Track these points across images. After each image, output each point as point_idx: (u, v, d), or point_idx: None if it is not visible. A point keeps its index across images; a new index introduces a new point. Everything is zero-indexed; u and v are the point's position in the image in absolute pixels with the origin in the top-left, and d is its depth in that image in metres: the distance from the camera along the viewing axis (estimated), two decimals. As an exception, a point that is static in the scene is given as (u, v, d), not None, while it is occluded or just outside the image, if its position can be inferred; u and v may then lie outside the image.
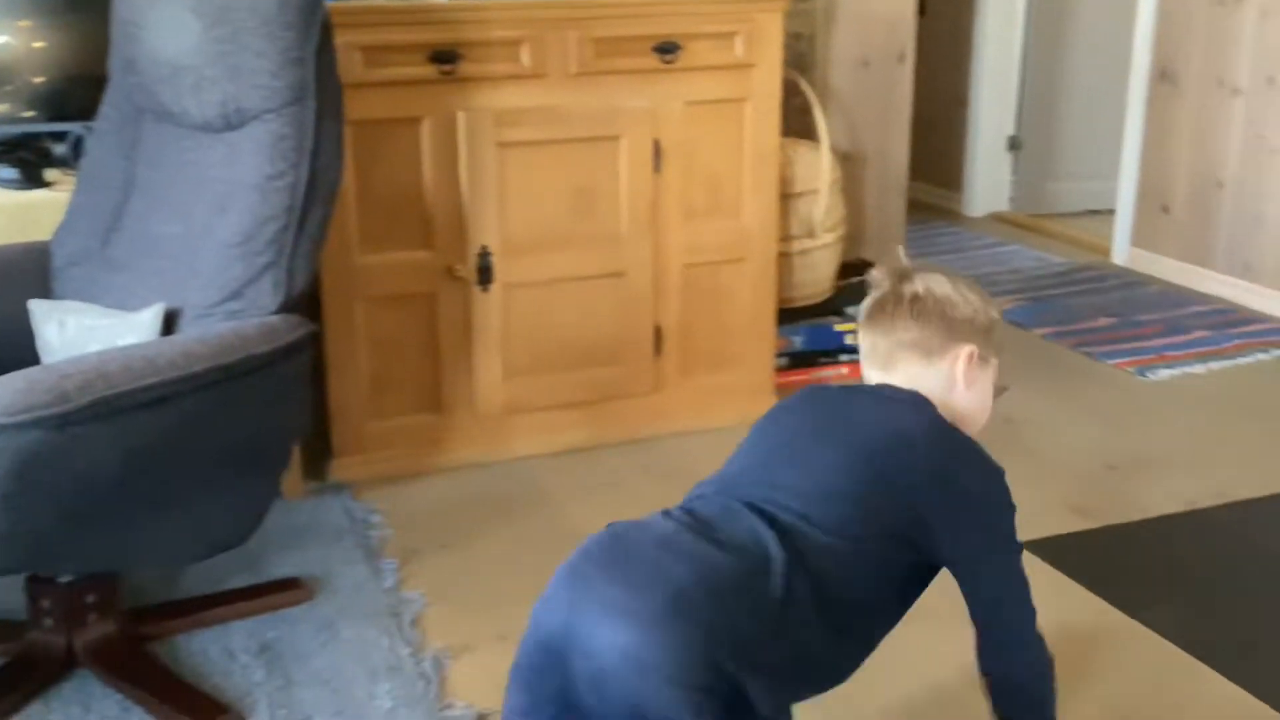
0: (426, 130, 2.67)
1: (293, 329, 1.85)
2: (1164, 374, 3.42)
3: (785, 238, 3.21)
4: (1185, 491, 2.70)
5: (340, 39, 2.43)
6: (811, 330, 3.41)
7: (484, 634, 2.17)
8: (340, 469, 2.78)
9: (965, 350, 1.55)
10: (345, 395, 2.75)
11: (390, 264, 2.72)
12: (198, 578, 2.31)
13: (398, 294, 2.74)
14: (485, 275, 2.77)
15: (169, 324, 1.92)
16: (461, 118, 2.67)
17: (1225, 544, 2.47)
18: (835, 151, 3.38)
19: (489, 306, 2.80)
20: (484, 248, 2.75)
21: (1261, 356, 3.54)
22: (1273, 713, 1.92)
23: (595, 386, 2.95)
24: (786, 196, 3.17)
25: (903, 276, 1.59)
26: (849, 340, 3.44)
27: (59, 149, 2.54)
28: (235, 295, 1.88)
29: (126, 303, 1.98)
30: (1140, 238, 4.48)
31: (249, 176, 1.89)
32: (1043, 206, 5.32)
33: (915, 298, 1.56)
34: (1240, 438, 3.00)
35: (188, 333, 1.85)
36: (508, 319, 2.83)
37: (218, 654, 2.09)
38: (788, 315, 3.30)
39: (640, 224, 2.88)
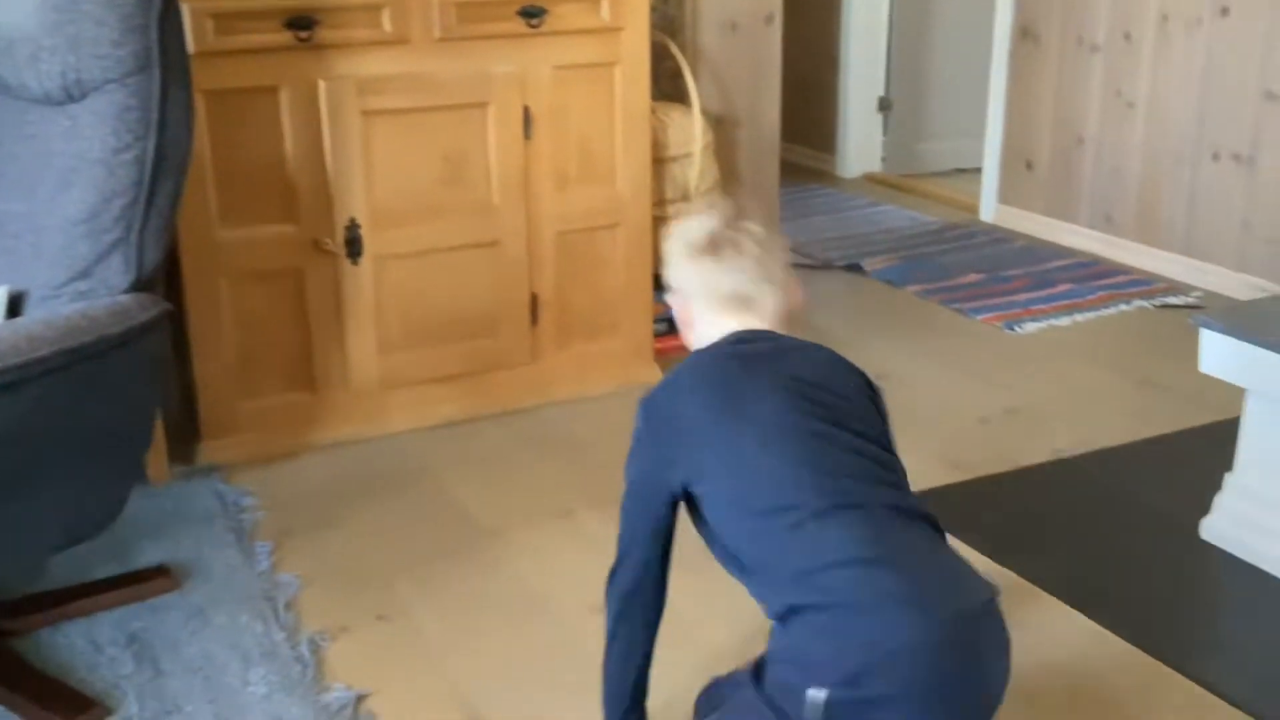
0: (286, 100, 2.58)
1: (145, 308, 1.78)
2: (1031, 327, 3.50)
3: (660, 202, 3.20)
4: (1053, 441, 2.78)
5: (188, 5, 2.34)
6: (689, 295, 3.41)
7: (363, 614, 2.13)
8: (209, 451, 2.69)
9: (794, 277, 1.61)
10: (212, 375, 2.67)
11: (254, 238, 2.63)
12: (62, 569, 2.22)
13: (263, 269, 2.66)
14: (354, 248, 2.70)
15: (14, 306, 1.83)
16: (323, 86, 2.60)
17: (1091, 491, 2.54)
18: (707, 115, 3.37)
19: (360, 280, 2.73)
20: (352, 220, 2.69)
21: (1124, 307, 3.66)
22: (1132, 648, 1.98)
23: (472, 358, 2.91)
24: (660, 161, 3.16)
25: (739, 214, 1.60)
26: (726, 303, 3.46)
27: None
28: (83, 275, 1.80)
29: (-33, 286, 1.88)
30: (1006, 194, 4.59)
31: (93, 150, 1.80)
32: (913, 166, 5.41)
33: (755, 232, 1.58)
34: (1104, 387, 3.09)
35: (33, 315, 1.77)
36: (380, 292, 2.77)
37: (83, 647, 2.02)
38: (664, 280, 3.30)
39: (512, 192, 2.84)
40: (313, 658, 1.99)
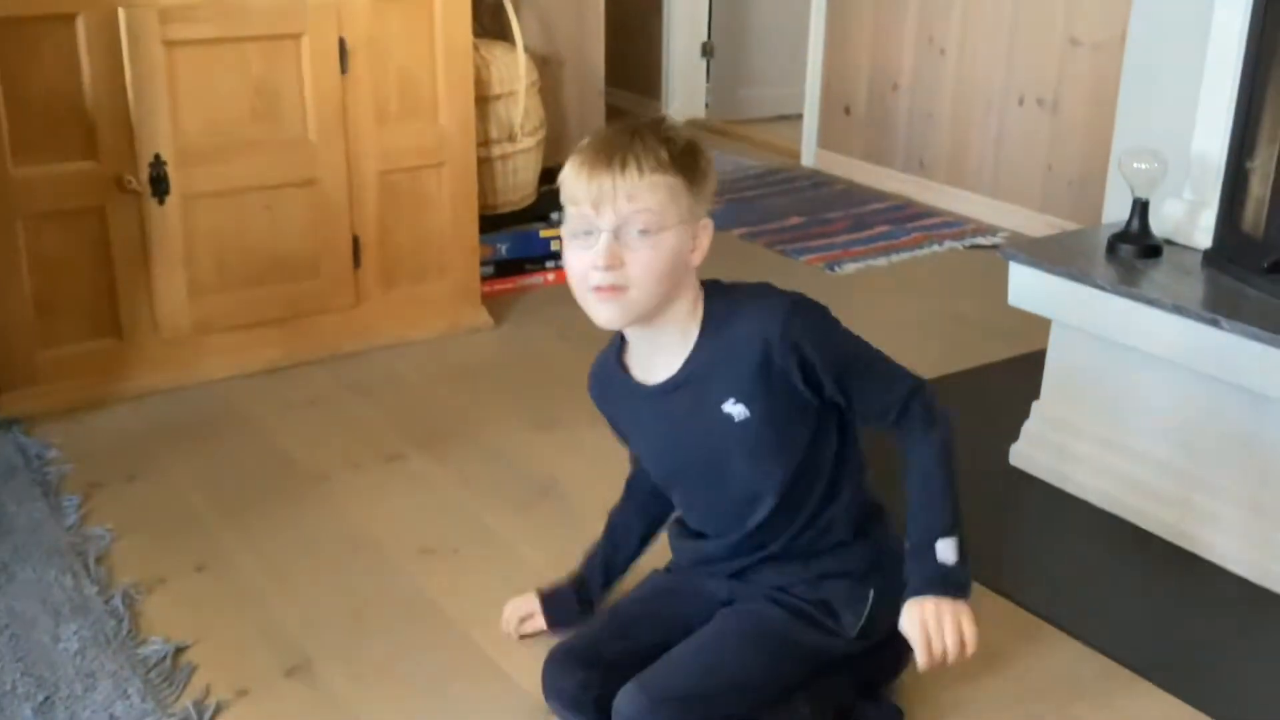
0: (82, 29, 2.43)
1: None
2: (850, 268, 3.59)
3: (485, 142, 3.14)
4: (872, 375, 2.85)
5: (-31, -80, 2.17)
6: (516, 237, 3.38)
7: (180, 565, 2.05)
8: (9, 403, 2.54)
9: None
10: (8, 323, 2.52)
11: (51, 176, 2.48)
12: None
13: (61, 209, 2.51)
14: (160, 186, 2.57)
15: None
16: (122, 14, 2.45)
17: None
18: (532, 54, 3.33)
19: (167, 220, 2.61)
20: (157, 156, 2.56)
21: (936, 248, 3.78)
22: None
23: (292, 302, 2.82)
24: (484, 99, 3.10)
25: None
26: (554, 247, 3.44)
27: None
28: None
29: None
30: (826, 139, 4.68)
31: None
32: (737, 112, 5.46)
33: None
34: (919, 323, 3.20)
35: None
36: (190, 233, 2.65)
37: None
38: (491, 223, 3.25)
39: (330, 128, 2.75)
40: (127, 611, 1.91)
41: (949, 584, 1.50)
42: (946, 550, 1.51)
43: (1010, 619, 1.94)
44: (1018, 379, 2.65)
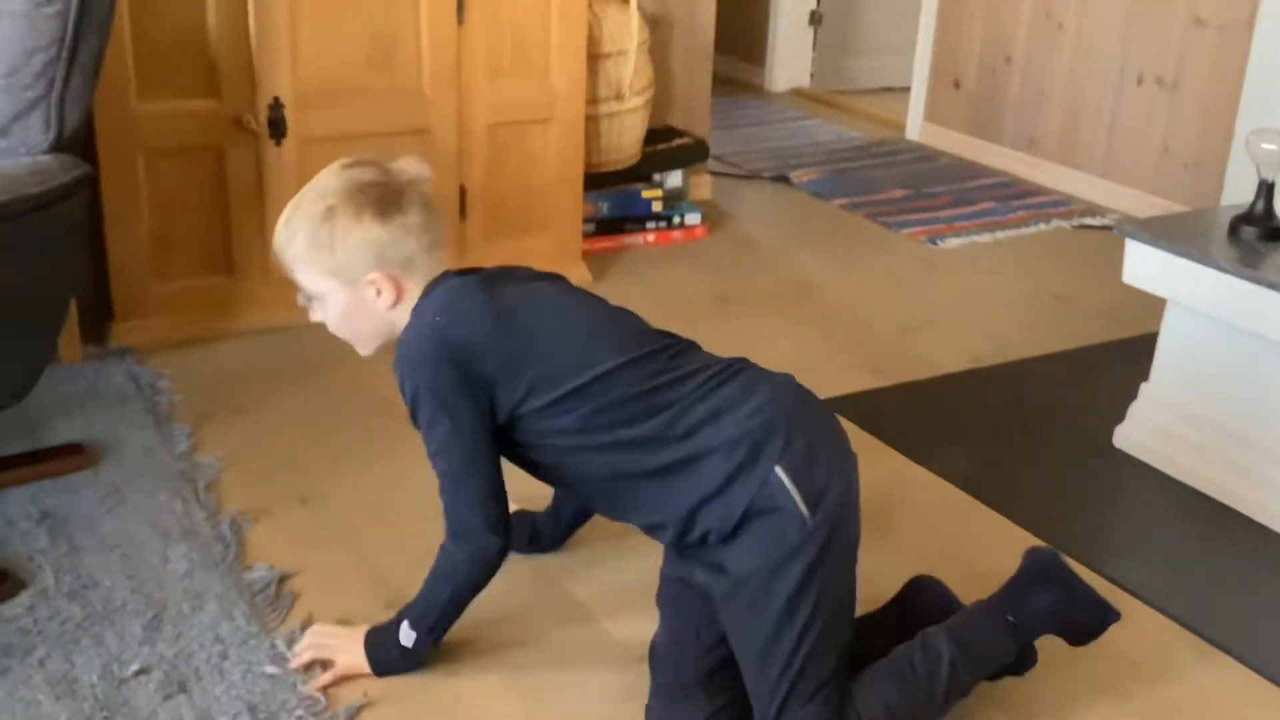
0: (210, -31, 2.48)
1: (67, 170, 1.71)
2: (953, 242, 3.54)
3: (592, 100, 3.15)
4: (971, 350, 2.83)
5: None
6: (618, 196, 3.39)
7: (283, 498, 2.10)
8: (122, 333, 2.62)
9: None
10: (126, 255, 2.59)
11: (173, 112, 2.54)
12: (-34, 445, 2.16)
13: (182, 146, 2.57)
14: (278, 128, 2.62)
15: (-77, 163, 1.75)
16: (249, -44, 2.50)
17: (1005, 398, 2.60)
18: (643, 13, 3.32)
19: (282, 161, 2.65)
20: (276, 99, 2.60)
21: (1042, 226, 3.71)
22: (1037, 540, 2.03)
23: (397, 248, 2.86)
24: (595, 57, 3.10)
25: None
26: (656, 208, 3.44)
27: None
28: (1, 133, 1.71)
29: (-128, 140, 1.78)
30: (933, 113, 4.61)
31: (14, 4, 1.71)
32: (841, 83, 5.40)
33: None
34: (1022, 302, 3.15)
35: (-54, 170, 1.68)
36: (303, 176, 2.62)
37: (-7, 522, 1.96)
38: (595, 181, 3.26)
39: (443, 79, 2.77)
40: (234, 537, 1.96)
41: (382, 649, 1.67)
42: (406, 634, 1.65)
43: (1106, 595, 1.91)
44: (1123, 361, 2.60)
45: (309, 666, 1.66)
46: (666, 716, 1.56)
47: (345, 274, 1.58)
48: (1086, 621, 1.65)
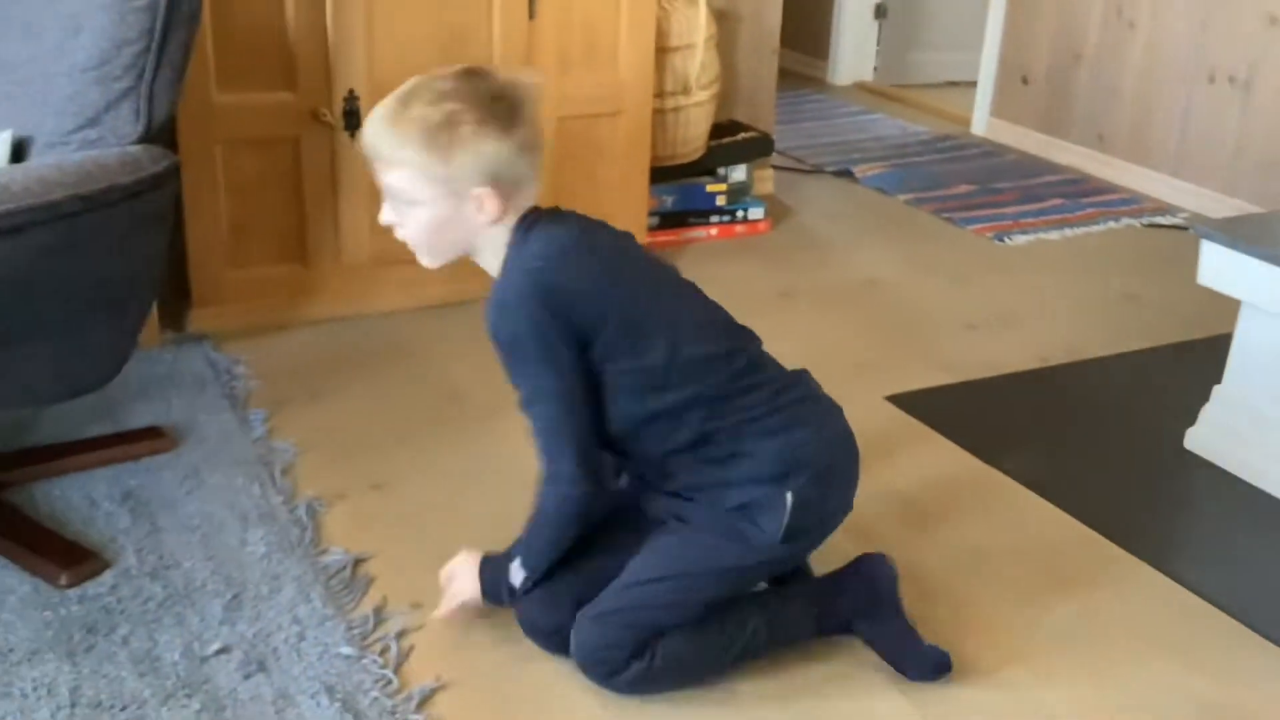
0: (289, -37, 2.53)
1: (156, 161, 1.75)
2: (1020, 239, 3.52)
3: (659, 93, 3.16)
4: (1039, 349, 2.81)
5: None
6: (683, 190, 3.40)
7: (357, 483, 2.14)
8: (200, 319, 2.67)
9: None
10: (204, 243, 2.64)
11: (251, 105, 2.59)
12: (54, 427, 2.22)
13: (259, 137, 2.62)
14: (352, 120, 2.66)
15: (18, 153, 1.80)
16: (327, -49, 2.54)
17: (1074, 398, 2.58)
18: (711, 8, 3.32)
19: (356, 153, 2.68)
20: (351, 91, 2.64)
21: (1112, 224, 3.68)
22: (1106, 541, 2.05)
23: (466, 240, 2.89)
24: (662, 50, 3.12)
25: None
26: (720, 202, 3.45)
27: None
28: (91, 123, 1.76)
29: (-31, 130, 1.84)
30: (1000, 108, 4.57)
31: (104, -4, 1.76)
32: (906, 77, 5.37)
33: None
34: (1091, 301, 3.12)
35: (43, 160, 1.73)
36: (376, 167, 2.73)
37: (79, 501, 2.02)
38: (659, 174, 3.28)
39: (514, 72, 2.80)
40: (310, 521, 2.00)
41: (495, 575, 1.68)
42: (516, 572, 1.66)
43: (1168, 596, 1.90)
44: (1194, 363, 2.58)
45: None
46: (535, 618, 1.68)
47: (453, 184, 1.52)
48: (890, 651, 1.70)
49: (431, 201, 1.54)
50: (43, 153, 1.78)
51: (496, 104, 1.52)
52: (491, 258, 1.63)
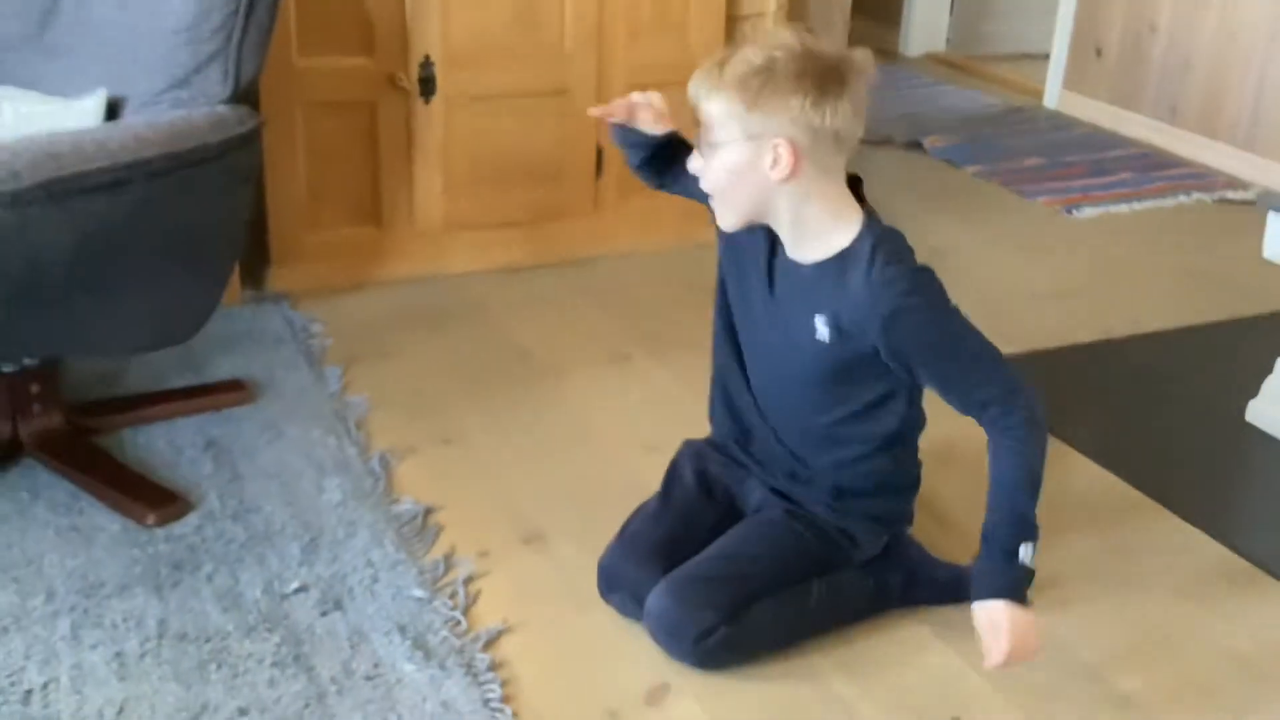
0: (369, -71, 2.59)
1: (243, 121, 1.83)
2: (1089, 212, 3.51)
3: (728, 62, 3.19)
4: (1103, 322, 2.81)
5: None
6: (749, 158, 3.43)
7: (428, 438, 2.22)
8: (278, 279, 2.76)
9: None
10: (283, 203, 2.73)
11: (330, 69, 2.66)
12: (139, 378, 2.32)
13: (338, 101, 2.70)
14: (428, 86, 2.73)
15: (112, 112, 1.88)
16: (406, -82, 2.60)
17: (1137, 370, 2.59)
18: (781, -23, 3.34)
19: (431, 119, 2.76)
20: (426, 57, 2.71)
21: (1182, 199, 3.65)
22: (1159, 507, 2.08)
23: (535, 205, 2.95)
24: (733, 19, 3.13)
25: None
26: (785, 170, 3.47)
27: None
28: (182, 83, 1.84)
29: (65, 90, 1.92)
30: (1072, 81, 4.53)
31: (194, -38, 1.83)
32: (979, 48, 5.33)
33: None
34: (1158, 275, 3.11)
35: (136, 119, 1.82)
36: (449, 133, 2.80)
37: (164, 448, 2.11)
38: (727, 142, 3.31)
39: (585, 40, 2.85)
40: (383, 472, 2.08)
41: (1020, 591, 1.55)
42: (1026, 555, 1.55)
43: (1231, 567, 1.92)
44: (1259, 337, 2.57)
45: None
46: (617, 570, 1.75)
47: (753, 128, 1.53)
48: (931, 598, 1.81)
49: (732, 142, 1.56)
50: (136, 111, 1.87)
51: (819, 65, 1.53)
52: (788, 224, 1.63)
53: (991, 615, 1.53)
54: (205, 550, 1.85)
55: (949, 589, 1.78)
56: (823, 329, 1.63)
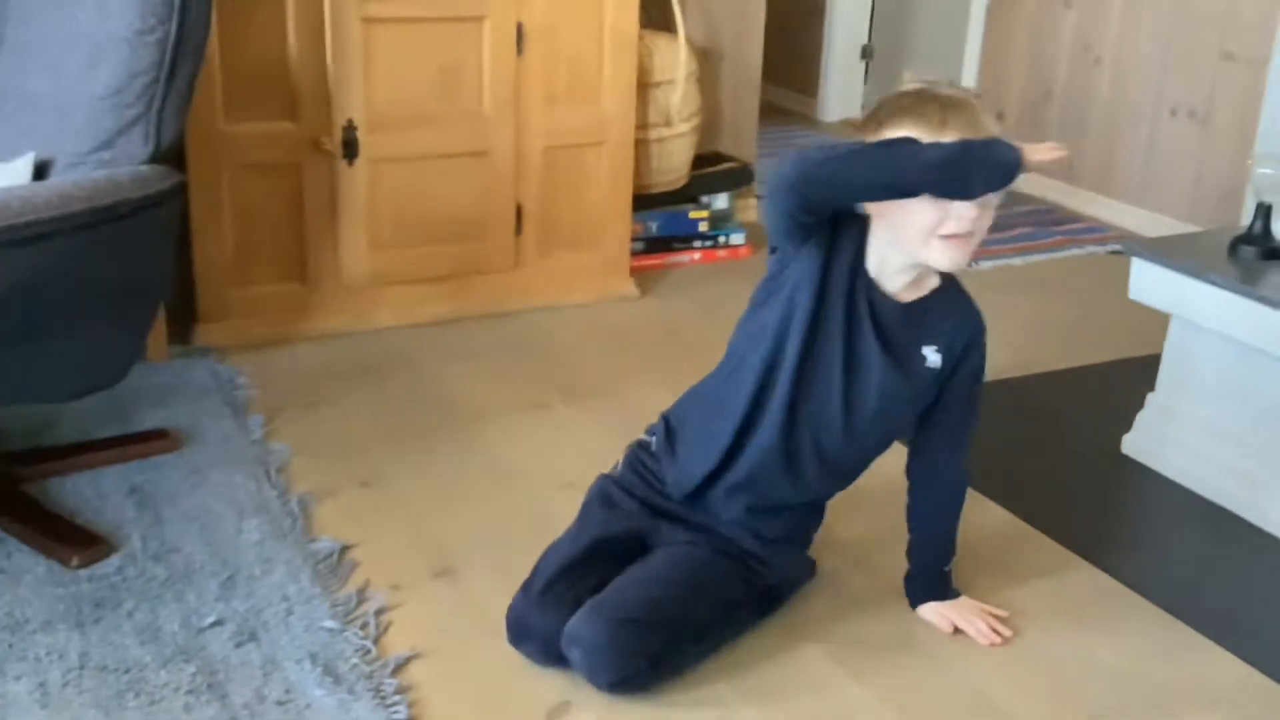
0: (291, 3, 2.72)
1: (163, 179, 1.94)
2: (987, 265, 3.69)
3: (643, 125, 3.34)
4: (998, 364, 2.95)
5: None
6: (666, 216, 3.58)
7: (348, 480, 2.31)
8: (205, 334, 2.85)
9: None
10: (210, 261, 2.83)
11: (256, 133, 2.78)
12: (68, 428, 2.39)
13: (263, 163, 2.81)
14: (351, 149, 2.85)
15: (40, 173, 1.98)
16: (327, -8, 2.74)
17: (1021, 408, 2.74)
18: (692, 45, 3.52)
19: (355, 180, 2.88)
20: (350, 121, 2.83)
21: (1076, 251, 3.85)
22: (1043, 536, 2.21)
23: (458, 261, 3.07)
24: (645, 85, 3.30)
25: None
26: (702, 228, 3.63)
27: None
28: (106, 145, 1.95)
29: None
30: (977, 143, 4.74)
31: (120, 30, 1.94)
32: (892, 114, 5.55)
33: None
34: (1049, 320, 3.29)
35: (63, 178, 1.92)
36: (373, 193, 2.92)
37: (90, 494, 2.19)
38: (644, 201, 3.46)
39: (503, 105, 2.99)
40: (302, 513, 2.17)
41: (952, 590, 1.97)
42: (950, 567, 1.98)
43: (1110, 593, 2.06)
44: (1137, 375, 2.72)
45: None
46: (527, 619, 1.79)
47: None
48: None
49: None
50: (64, 171, 1.97)
51: (916, 100, 1.74)
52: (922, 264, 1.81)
53: (941, 610, 1.93)
54: (126, 588, 1.93)
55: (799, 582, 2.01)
56: (933, 357, 1.81)
